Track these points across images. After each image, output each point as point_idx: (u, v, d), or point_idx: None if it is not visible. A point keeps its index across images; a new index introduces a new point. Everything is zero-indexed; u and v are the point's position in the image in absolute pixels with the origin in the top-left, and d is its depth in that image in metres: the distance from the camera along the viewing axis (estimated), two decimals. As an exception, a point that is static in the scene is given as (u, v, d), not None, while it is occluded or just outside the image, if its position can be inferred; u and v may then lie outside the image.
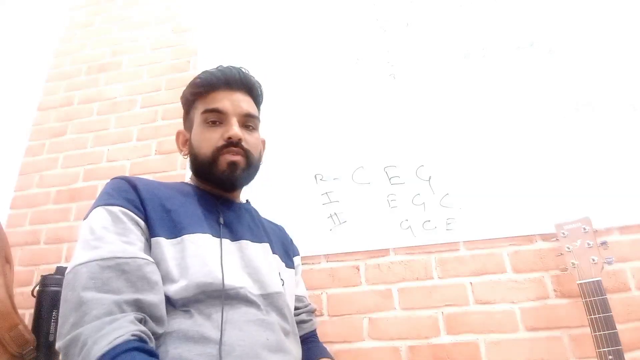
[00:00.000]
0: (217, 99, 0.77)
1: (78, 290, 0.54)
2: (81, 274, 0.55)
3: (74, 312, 0.53)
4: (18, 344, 1.07)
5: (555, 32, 1.25)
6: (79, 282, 0.55)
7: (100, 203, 0.64)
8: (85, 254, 0.57)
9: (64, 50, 1.74)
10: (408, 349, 1.02)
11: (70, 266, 0.57)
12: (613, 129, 1.11)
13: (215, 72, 0.80)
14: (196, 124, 0.79)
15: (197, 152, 0.77)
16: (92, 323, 0.52)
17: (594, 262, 0.88)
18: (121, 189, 0.67)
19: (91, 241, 0.59)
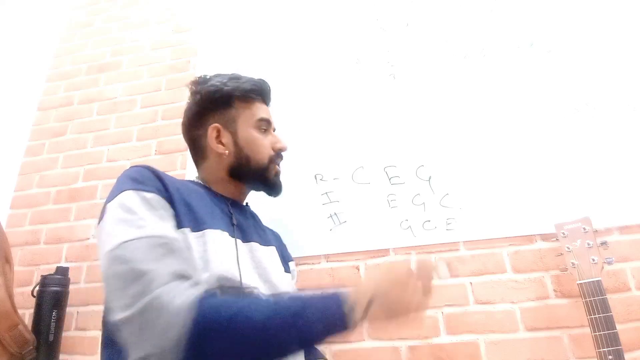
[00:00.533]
0: (262, 109, 0.84)
1: (134, 264, 0.52)
2: (133, 248, 0.54)
3: (134, 283, 0.51)
4: (18, 344, 1.07)
5: (555, 32, 1.25)
6: (133, 256, 0.53)
7: (131, 187, 0.62)
8: (131, 232, 0.56)
9: (64, 50, 1.74)
10: (408, 349, 1.02)
11: (115, 243, 0.54)
12: (613, 129, 1.11)
13: (262, 82, 0.86)
14: (246, 127, 0.81)
15: (250, 155, 0.80)
16: (161, 288, 0.50)
17: (594, 262, 0.88)
18: (149, 178, 0.66)
19: (134, 220, 0.57)
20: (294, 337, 0.52)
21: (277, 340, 0.51)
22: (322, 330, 0.53)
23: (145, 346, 0.49)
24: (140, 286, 0.51)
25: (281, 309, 0.53)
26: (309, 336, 0.53)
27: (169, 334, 0.48)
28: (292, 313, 0.52)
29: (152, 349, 0.49)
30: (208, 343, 0.49)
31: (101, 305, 1.24)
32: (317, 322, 0.52)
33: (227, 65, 1.50)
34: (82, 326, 1.24)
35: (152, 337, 0.49)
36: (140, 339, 0.50)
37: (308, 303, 0.53)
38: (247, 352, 0.51)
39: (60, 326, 1.18)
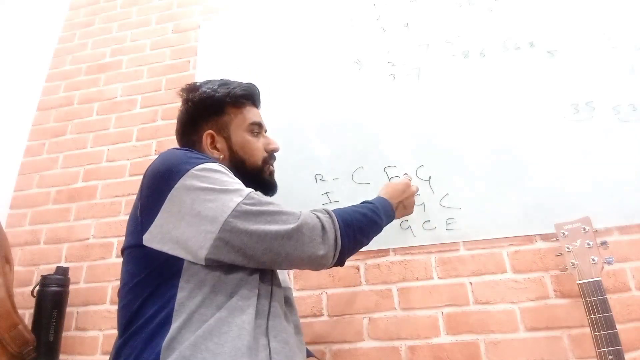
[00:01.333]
0: (253, 113, 0.87)
1: (269, 203, 0.66)
2: (258, 197, 0.67)
3: (282, 211, 0.66)
4: (18, 344, 1.07)
5: (555, 32, 1.25)
6: (264, 199, 0.67)
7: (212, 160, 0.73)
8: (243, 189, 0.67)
9: (64, 50, 1.74)
10: (408, 349, 1.02)
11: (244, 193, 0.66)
12: (613, 129, 1.11)
13: (251, 87, 0.89)
14: (240, 131, 0.84)
15: (244, 157, 0.84)
16: (301, 210, 0.68)
17: (594, 262, 0.88)
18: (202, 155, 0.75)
19: (237, 182, 0.69)
20: (379, 224, 0.80)
21: (374, 227, 0.79)
22: (387, 221, 0.85)
23: (315, 244, 0.66)
24: (288, 212, 0.66)
25: (370, 208, 0.79)
26: (383, 224, 0.82)
27: (329, 232, 0.67)
28: (375, 210, 0.80)
29: (321, 245, 0.66)
30: (349, 233, 0.71)
31: (101, 305, 1.25)
32: (385, 216, 0.84)
33: (227, 65, 1.50)
34: (82, 326, 1.24)
35: (321, 235, 0.66)
36: (313, 238, 0.65)
37: (379, 205, 0.82)
38: (366, 235, 0.76)
39: (60, 326, 1.18)
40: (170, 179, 0.66)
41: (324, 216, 0.69)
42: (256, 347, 0.61)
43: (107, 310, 1.24)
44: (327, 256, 0.67)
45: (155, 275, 0.65)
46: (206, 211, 0.63)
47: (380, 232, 0.81)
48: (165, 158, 0.71)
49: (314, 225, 0.66)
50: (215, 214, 0.62)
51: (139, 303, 0.64)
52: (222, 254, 0.63)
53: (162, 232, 0.65)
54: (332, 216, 0.70)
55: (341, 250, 0.68)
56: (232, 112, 0.85)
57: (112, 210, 1.37)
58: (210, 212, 0.63)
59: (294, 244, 0.64)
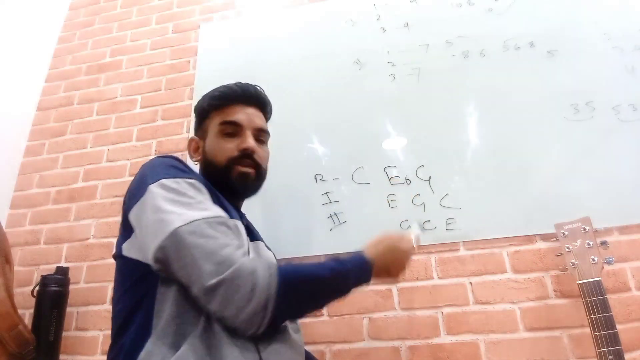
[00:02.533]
0: (234, 112, 0.83)
1: (213, 238, 0.59)
2: (205, 227, 0.60)
3: (217, 254, 0.58)
4: (18, 344, 1.07)
5: (555, 32, 1.25)
6: (207, 232, 0.60)
7: (173, 174, 0.67)
8: (197, 213, 0.62)
9: (64, 50, 1.74)
10: (408, 349, 1.02)
11: (186, 220, 0.60)
12: (613, 129, 1.11)
13: (233, 86, 0.86)
14: (212, 134, 0.84)
15: (211, 160, 0.81)
16: (243, 258, 0.59)
17: (594, 262, 0.88)
18: (184, 167, 0.72)
19: (194, 203, 0.64)
20: (343, 290, 0.68)
21: (333, 291, 0.68)
22: (357, 283, 0.70)
23: (234, 308, 0.56)
24: (225, 256, 0.58)
25: (336, 270, 0.66)
26: (350, 287, 0.69)
27: (259, 295, 0.57)
28: (343, 273, 0.67)
29: (241, 310, 0.56)
30: (292, 297, 0.60)
31: (101, 305, 1.25)
32: (355, 280, 0.70)
33: (227, 65, 1.50)
34: (82, 326, 1.24)
35: (244, 298, 0.56)
36: (232, 301, 0.56)
37: (351, 267, 0.69)
38: (316, 301, 0.66)
39: (60, 326, 1.18)
40: (135, 194, 0.68)
41: (263, 273, 0.58)
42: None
43: (107, 310, 1.24)
44: (248, 321, 0.57)
45: (138, 286, 0.65)
46: (150, 230, 0.62)
47: (344, 297, 0.69)
48: (140, 171, 0.72)
49: (241, 285, 0.56)
50: (155, 235, 0.61)
51: (124, 315, 0.65)
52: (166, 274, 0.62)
53: (135, 244, 0.67)
54: (272, 276, 0.59)
55: (272, 318, 0.58)
56: (212, 116, 0.85)
57: (112, 210, 1.37)
58: (152, 232, 0.61)
59: (211, 299, 0.57)
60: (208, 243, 0.59)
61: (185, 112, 1.47)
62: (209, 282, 0.56)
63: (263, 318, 0.57)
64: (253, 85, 0.88)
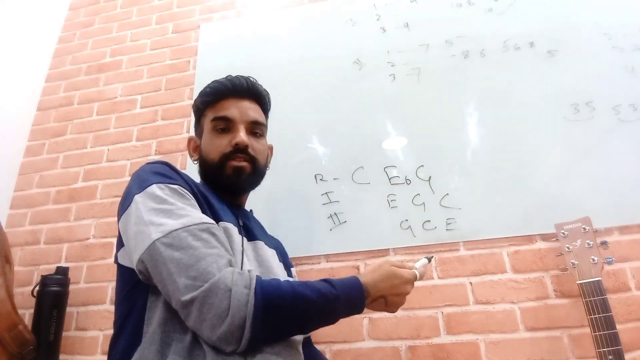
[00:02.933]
0: (225, 107, 0.82)
1: (190, 250, 0.57)
2: (184, 236, 0.58)
3: (194, 267, 0.56)
4: (18, 344, 1.07)
5: (555, 32, 1.25)
6: (187, 243, 0.57)
7: (158, 181, 0.66)
8: (176, 221, 0.60)
9: (64, 50, 1.74)
10: (408, 349, 1.02)
11: (164, 231, 0.58)
12: (613, 129, 1.11)
13: (223, 81, 0.84)
14: (206, 131, 0.83)
15: (205, 157, 0.81)
16: (221, 272, 0.56)
17: (594, 262, 0.88)
18: (171, 172, 0.70)
19: (174, 210, 0.62)
20: (330, 316, 0.63)
21: (319, 316, 0.62)
22: (347, 311, 0.64)
23: (208, 325, 0.54)
24: (201, 270, 0.55)
25: (324, 294, 0.61)
26: (339, 314, 0.63)
27: (234, 314, 0.53)
28: (331, 299, 0.61)
29: (216, 328, 0.53)
30: (271, 317, 0.56)
31: (101, 305, 1.25)
32: (345, 307, 0.64)
33: (227, 65, 1.50)
34: (82, 326, 1.24)
35: (218, 316, 0.53)
36: (205, 318, 0.54)
37: (342, 293, 0.62)
38: (298, 323, 0.61)
39: (60, 326, 1.18)
40: (122, 204, 0.68)
41: (240, 290, 0.55)
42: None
43: (107, 310, 1.24)
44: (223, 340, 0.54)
45: (132, 292, 0.66)
46: (132, 242, 0.62)
47: (332, 323, 0.64)
48: (130, 180, 0.71)
49: (215, 302, 0.54)
50: (136, 247, 0.61)
51: (121, 321, 0.65)
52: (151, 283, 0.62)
53: (126, 253, 0.67)
54: (250, 293, 0.55)
55: (251, 338, 0.54)
56: (207, 113, 0.85)
57: (112, 210, 1.37)
58: (134, 244, 0.62)
59: (186, 315, 0.56)
60: (185, 256, 0.57)
61: (185, 112, 1.47)
62: (184, 298, 0.55)
63: (240, 337, 0.54)
64: (245, 78, 0.85)
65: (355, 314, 0.66)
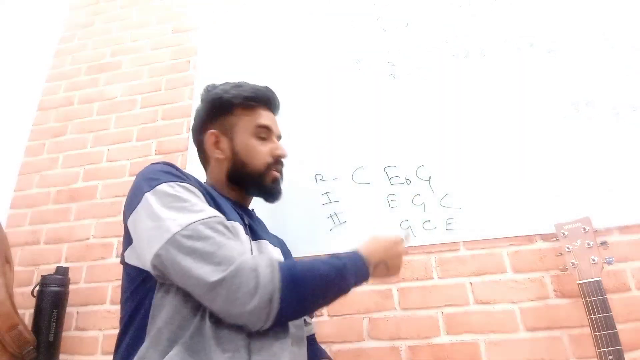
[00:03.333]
0: (264, 117, 0.86)
1: (210, 239, 0.60)
2: (202, 229, 0.61)
3: (217, 254, 0.58)
4: (18, 344, 1.07)
5: (555, 32, 1.25)
6: (205, 234, 0.60)
7: (168, 179, 0.67)
8: (192, 215, 0.62)
9: (64, 51, 1.74)
10: (408, 349, 1.02)
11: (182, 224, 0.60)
12: (613, 129, 1.11)
13: (264, 90, 0.88)
14: (244, 134, 0.84)
15: (245, 161, 0.83)
16: (243, 256, 0.59)
17: (594, 262, 0.88)
18: (178, 172, 0.72)
19: (188, 206, 0.64)
20: (343, 286, 0.67)
21: (334, 286, 0.67)
22: (356, 279, 0.69)
23: (239, 303, 0.57)
24: (224, 256, 0.58)
25: (334, 265, 0.66)
26: (350, 283, 0.68)
27: (262, 290, 0.57)
28: (341, 268, 0.67)
29: (246, 305, 0.57)
30: (295, 292, 0.60)
31: (101, 305, 1.25)
32: (354, 275, 0.69)
33: (227, 65, 1.50)
34: (82, 326, 1.24)
35: (248, 293, 0.57)
36: (235, 297, 0.57)
37: (348, 262, 0.68)
38: (318, 296, 0.65)
39: (60, 326, 1.18)
40: (131, 203, 0.68)
41: (265, 270, 0.59)
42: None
43: (107, 310, 1.24)
44: (253, 317, 0.57)
45: (138, 292, 0.66)
46: (146, 238, 0.63)
47: (346, 293, 0.68)
48: (135, 180, 0.72)
49: (244, 282, 0.57)
50: (152, 242, 0.61)
51: (126, 319, 0.66)
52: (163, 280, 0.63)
53: (134, 251, 0.67)
54: (274, 271, 0.59)
55: (279, 312, 0.58)
56: (241, 114, 0.85)
57: (112, 210, 1.37)
58: (149, 239, 0.62)
59: (215, 297, 0.57)
60: (206, 245, 0.59)
61: (186, 112, 1.47)
62: (212, 279, 0.57)
63: (269, 313, 0.58)
64: (275, 93, 0.91)
65: (364, 282, 0.71)
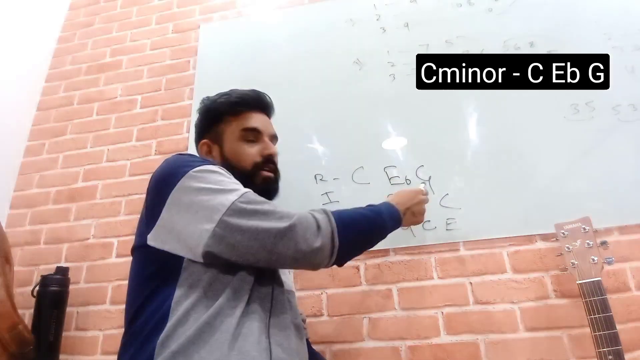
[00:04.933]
0: (252, 119, 0.88)
1: (265, 203, 0.66)
2: (253, 197, 0.67)
3: (276, 211, 0.65)
4: (18, 344, 1.07)
5: (555, 32, 1.25)
6: (259, 199, 0.67)
7: (204, 163, 0.72)
8: (241, 188, 0.68)
9: (63, 50, 1.74)
10: (408, 349, 1.02)
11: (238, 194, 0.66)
12: (613, 129, 1.11)
13: (250, 93, 0.90)
14: (232, 139, 0.86)
15: (234, 164, 0.84)
16: (296, 211, 0.66)
17: (594, 262, 0.88)
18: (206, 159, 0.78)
19: (232, 183, 0.69)
20: (382, 227, 0.76)
21: (376, 229, 0.75)
22: (391, 223, 0.78)
23: (308, 242, 0.63)
24: (283, 212, 0.65)
25: (373, 210, 0.76)
26: (387, 227, 0.77)
27: (324, 230, 0.65)
28: (378, 212, 0.76)
29: (314, 243, 0.64)
30: (348, 232, 0.68)
31: (101, 305, 1.25)
32: (390, 219, 0.78)
33: (227, 65, 1.50)
34: (82, 326, 1.24)
35: (314, 233, 0.64)
36: (305, 237, 0.63)
37: (383, 208, 0.78)
38: (365, 235, 0.74)
39: (60, 326, 1.18)
40: (170, 181, 0.68)
41: (320, 215, 0.67)
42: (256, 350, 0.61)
43: (107, 310, 1.24)
44: (322, 253, 0.65)
45: (158, 274, 0.67)
46: (202, 210, 0.64)
47: (385, 236, 0.76)
48: (167, 163, 0.74)
49: (309, 225, 0.65)
50: (211, 213, 0.63)
51: (141, 301, 0.66)
52: (218, 252, 0.63)
53: (163, 232, 0.67)
54: (329, 215, 0.68)
55: (339, 249, 0.66)
56: (228, 120, 0.87)
57: (112, 210, 1.37)
58: (207, 210, 0.64)
59: (287, 242, 0.63)
60: (264, 206, 0.65)
61: (185, 112, 1.47)
62: (282, 227, 0.63)
63: (332, 249, 0.65)
64: (265, 94, 0.92)
65: (397, 227, 0.80)
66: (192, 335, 0.59)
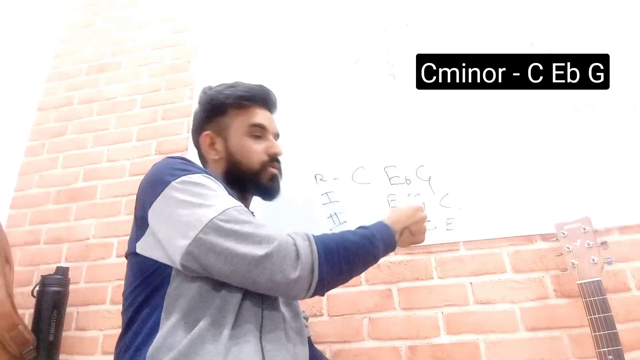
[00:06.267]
0: (258, 115, 0.85)
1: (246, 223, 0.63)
2: (236, 214, 0.63)
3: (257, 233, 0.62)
4: (18, 344, 1.07)
5: (555, 32, 1.25)
6: (241, 218, 0.63)
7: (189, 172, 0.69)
8: (224, 202, 0.65)
9: (64, 51, 1.74)
10: (408, 349, 1.02)
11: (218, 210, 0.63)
12: (613, 129, 1.11)
13: (257, 88, 0.87)
14: (238, 134, 0.83)
15: (240, 160, 0.82)
16: (280, 234, 0.63)
17: (594, 262, 0.88)
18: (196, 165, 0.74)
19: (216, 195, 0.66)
20: (373, 254, 0.70)
21: (365, 256, 0.69)
22: (384, 247, 0.71)
23: (285, 273, 0.60)
24: (263, 235, 0.62)
25: (363, 235, 0.70)
26: (379, 252, 0.70)
27: (304, 261, 0.61)
28: (369, 237, 0.70)
29: (291, 274, 0.60)
30: (331, 260, 0.64)
31: (101, 305, 1.25)
32: (382, 243, 0.71)
33: (226, 65, 1.50)
34: (82, 326, 1.24)
35: (291, 265, 0.61)
36: (282, 268, 0.60)
37: (375, 231, 0.71)
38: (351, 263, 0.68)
39: (60, 326, 1.18)
40: (153, 191, 0.67)
41: (303, 243, 0.63)
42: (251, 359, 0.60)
43: (107, 310, 1.24)
44: (298, 286, 0.61)
45: (148, 282, 0.66)
46: (179, 225, 0.62)
47: (377, 262, 0.71)
48: (153, 170, 0.71)
49: (287, 253, 0.61)
50: (187, 229, 0.61)
51: (133, 310, 0.65)
52: (194, 268, 0.62)
53: (151, 240, 0.67)
54: (312, 243, 0.63)
55: (319, 280, 0.62)
56: (234, 114, 0.84)
57: (112, 210, 1.37)
58: (183, 226, 0.62)
59: (262, 271, 0.60)
60: (244, 227, 0.62)
61: (186, 112, 1.47)
62: (259, 255, 0.60)
63: (310, 282, 0.62)
64: (271, 91, 0.90)
65: (390, 251, 0.73)
66: (183, 347, 0.58)
